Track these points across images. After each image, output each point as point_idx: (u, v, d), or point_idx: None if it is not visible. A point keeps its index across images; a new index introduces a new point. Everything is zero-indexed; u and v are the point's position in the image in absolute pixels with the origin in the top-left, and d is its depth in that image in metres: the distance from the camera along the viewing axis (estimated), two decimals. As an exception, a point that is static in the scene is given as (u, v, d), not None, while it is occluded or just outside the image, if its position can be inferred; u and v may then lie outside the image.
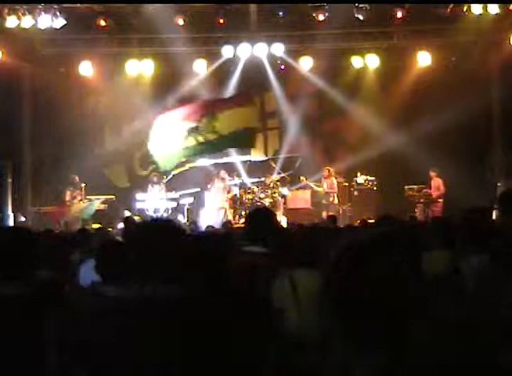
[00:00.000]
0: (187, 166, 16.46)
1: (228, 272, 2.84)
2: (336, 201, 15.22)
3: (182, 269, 2.20)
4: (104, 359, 2.00)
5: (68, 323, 2.32)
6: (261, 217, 4.54)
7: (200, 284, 2.66)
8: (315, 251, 4.24)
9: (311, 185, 15.42)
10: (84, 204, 14.54)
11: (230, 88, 16.22)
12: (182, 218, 14.65)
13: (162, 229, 2.33)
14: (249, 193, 15.29)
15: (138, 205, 15.32)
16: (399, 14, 14.20)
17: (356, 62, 15.91)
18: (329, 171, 15.31)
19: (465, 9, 13.87)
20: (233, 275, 3.07)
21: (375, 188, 15.71)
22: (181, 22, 14.31)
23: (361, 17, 14.10)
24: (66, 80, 15.62)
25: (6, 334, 2.63)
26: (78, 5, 13.99)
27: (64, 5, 13.78)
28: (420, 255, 2.83)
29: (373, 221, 10.74)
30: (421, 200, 14.92)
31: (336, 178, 15.45)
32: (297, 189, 15.99)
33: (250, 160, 16.77)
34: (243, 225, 9.71)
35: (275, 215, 4.91)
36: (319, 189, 15.30)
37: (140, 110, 16.11)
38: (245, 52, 15.35)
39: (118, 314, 2.01)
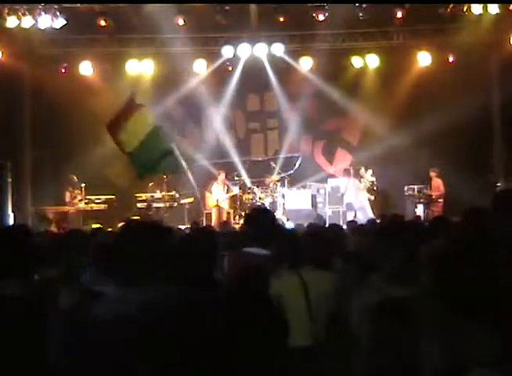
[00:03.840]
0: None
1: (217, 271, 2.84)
2: None
3: (171, 270, 2.20)
4: (104, 359, 2.00)
5: (68, 324, 2.32)
6: (261, 218, 4.50)
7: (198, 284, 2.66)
8: (323, 252, 4.26)
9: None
10: None
11: (230, 88, 16.24)
12: None
13: (148, 230, 2.33)
14: (249, 193, 15.29)
15: (139, 205, 15.31)
16: (399, 14, 14.20)
17: (356, 62, 15.91)
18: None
19: (465, 9, 13.87)
20: (233, 275, 3.08)
21: (375, 188, 15.71)
22: (181, 22, 14.31)
23: (361, 17, 14.12)
24: (66, 80, 15.61)
25: (6, 334, 2.62)
26: (78, 5, 13.99)
27: (64, 5, 13.79)
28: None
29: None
30: (421, 200, 14.93)
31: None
32: (298, 189, 15.98)
33: (250, 160, 16.75)
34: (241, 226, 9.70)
35: (275, 215, 4.92)
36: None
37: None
38: (245, 52, 15.36)
39: (119, 316, 2.01)
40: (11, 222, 13.72)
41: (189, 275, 2.66)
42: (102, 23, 14.34)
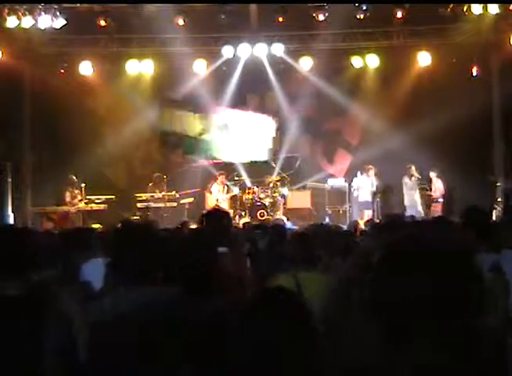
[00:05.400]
0: (186, 166, 16.46)
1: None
2: None
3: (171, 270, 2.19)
4: (104, 359, 2.00)
5: (68, 324, 2.32)
6: (214, 219, 4.55)
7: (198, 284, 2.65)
8: (313, 253, 4.25)
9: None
10: None
11: (230, 88, 16.24)
12: None
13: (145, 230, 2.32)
14: (249, 193, 15.28)
15: (139, 205, 15.30)
16: (399, 14, 14.21)
17: (356, 62, 15.92)
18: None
19: (465, 9, 13.86)
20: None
21: (374, 188, 15.70)
22: (181, 22, 14.32)
23: (361, 17, 14.12)
24: (66, 80, 15.61)
25: (6, 334, 2.62)
26: (78, 5, 13.99)
27: (64, 5, 13.79)
28: None
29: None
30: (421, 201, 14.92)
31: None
32: (298, 189, 15.99)
33: (250, 160, 16.75)
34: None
35: (228, 215, 4.97)
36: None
37: (140, 110, 16.12)
38: (245, 52, 15.37)
39: (118, 316, 2.01)
40: (11, 222, 13.72)
41: (189, 275, 2.65)
42: (102, 23, 14.36)
